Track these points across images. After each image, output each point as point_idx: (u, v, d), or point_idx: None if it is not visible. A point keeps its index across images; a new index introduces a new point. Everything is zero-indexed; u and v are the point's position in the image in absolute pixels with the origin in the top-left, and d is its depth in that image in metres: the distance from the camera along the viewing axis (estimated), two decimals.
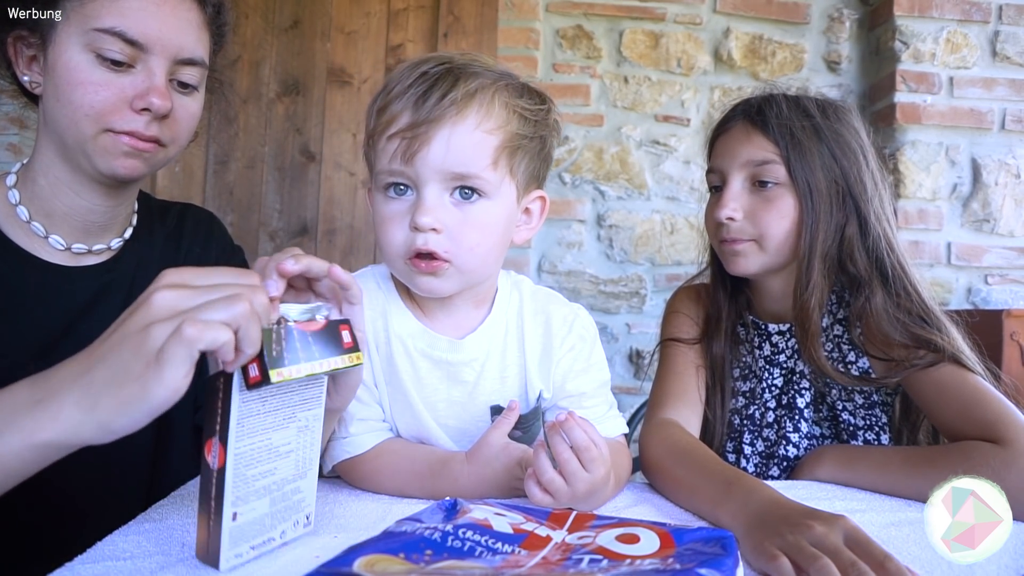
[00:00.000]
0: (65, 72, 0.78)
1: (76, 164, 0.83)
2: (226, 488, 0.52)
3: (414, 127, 0.72)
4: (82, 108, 0.78)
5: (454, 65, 0.75)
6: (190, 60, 0.83)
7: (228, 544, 0.53)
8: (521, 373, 0.87)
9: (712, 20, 2.42)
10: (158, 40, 0.79)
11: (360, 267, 0.91)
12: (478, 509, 0.56)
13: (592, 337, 0.91)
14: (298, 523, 0.60)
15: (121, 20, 0.77)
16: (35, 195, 0.85)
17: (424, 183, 0.74)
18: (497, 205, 0.77)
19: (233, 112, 2.23)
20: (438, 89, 0.72)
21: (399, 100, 0.74)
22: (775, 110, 0.96)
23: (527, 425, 0.87)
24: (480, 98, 0.74)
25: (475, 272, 0.79)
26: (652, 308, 2.37)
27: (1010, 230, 2.32)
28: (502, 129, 0.75)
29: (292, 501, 0.59)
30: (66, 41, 0.78)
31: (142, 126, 0.80)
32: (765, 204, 0.96)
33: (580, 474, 0.67)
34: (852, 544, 0.55)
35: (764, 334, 1.06)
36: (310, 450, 0.60)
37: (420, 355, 0.83)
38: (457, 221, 0.75)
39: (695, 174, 2.39)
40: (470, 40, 2.28)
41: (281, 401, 0.56)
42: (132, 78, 0.79)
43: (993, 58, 2.33)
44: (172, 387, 0.49)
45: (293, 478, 0.59)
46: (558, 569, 0.46)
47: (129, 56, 0.78)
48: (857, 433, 0.98)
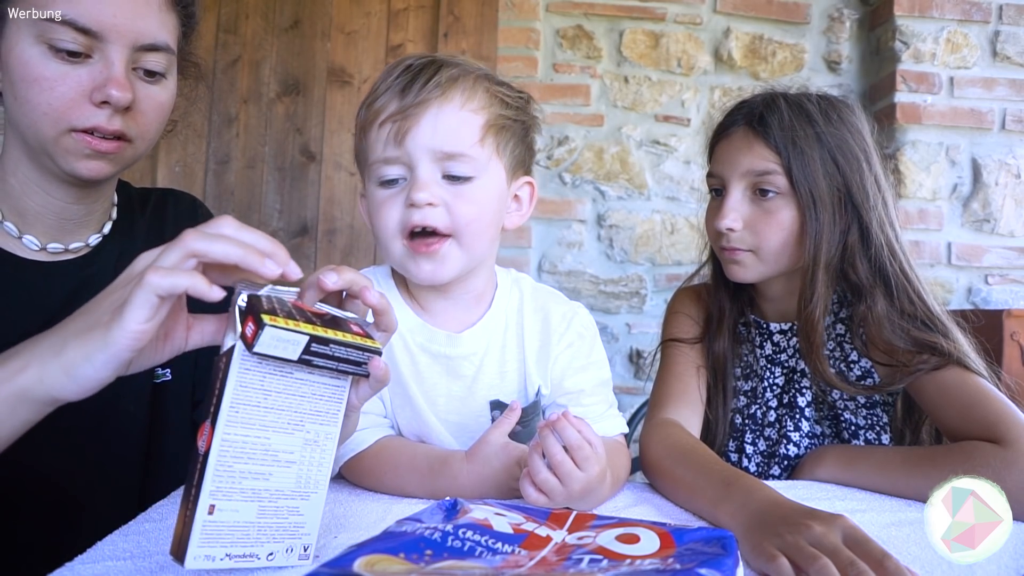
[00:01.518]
0: (19, 67, 0.73)
1: (42, 164, 0.79)
2: (206, 474, 0.49)
3: (403, 110, 0.76)
4: (40, 107, 0.73)
5: (436, 58, 0.80)
6: (152, 46, 0.77)
7: (199, 539, 0.49)
8: (520, 368, 0.88)
9: (712, 20, 2.42)
10: (113, 27, 0.73)
11: (359, 268, 0.91)
12: (478, 509, 0.56)
13: (592, 335, 0.92)
14: (292, 550, 0.55)
15: (71, 8, 0.71)
16: (6, 194, 0.81)
17: (417, 162, 0.76)
18: (488, 184, 0.80)
19: (233, 112, 2.24)
20: (423, 76, 0.77)
21: (386, 92, 0.78)
22: (777, 116, 0.94)
23: (527, 420, 0.87)
24: (463, 82, 0.78)
25: (474, 249, 0.80)
26: (652, 308, 2.37)
27: (1010, 230, 2.32)
28: (486, 110, 0.79)
29: (288, 522, 0.54)
30: (16, 34, 0.73)
31: (104, 120, 0.75)
32: (765, 216, 0.95)
33: (574, 473, 0.67)
34: (851, 543, 0.55)
35: (766, 333, 1.06)
36: (317, 470, 0.56)
37: (419, 349, 0.85)
38: (452, 196, 0.77)
39: (695, 174, 2.39)
40: (470, 40, 2.28)
41: (288, 402, 0.53)
42: (89, 69, 0.74)
43: (993, 58, 2.33)
44: (129, 330, 0.51)
45: (291, 494, 0.54)
46: (558, 569, 0.46)
47: (84, 46, 0.73)
48: (858, 433, 0.98)
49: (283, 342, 0.50)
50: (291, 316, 0.51)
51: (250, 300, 0.52)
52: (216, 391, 0.51)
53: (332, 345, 0.53)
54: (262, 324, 0.49)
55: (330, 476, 0.81)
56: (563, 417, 0.69)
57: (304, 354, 0.51)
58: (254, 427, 0.52)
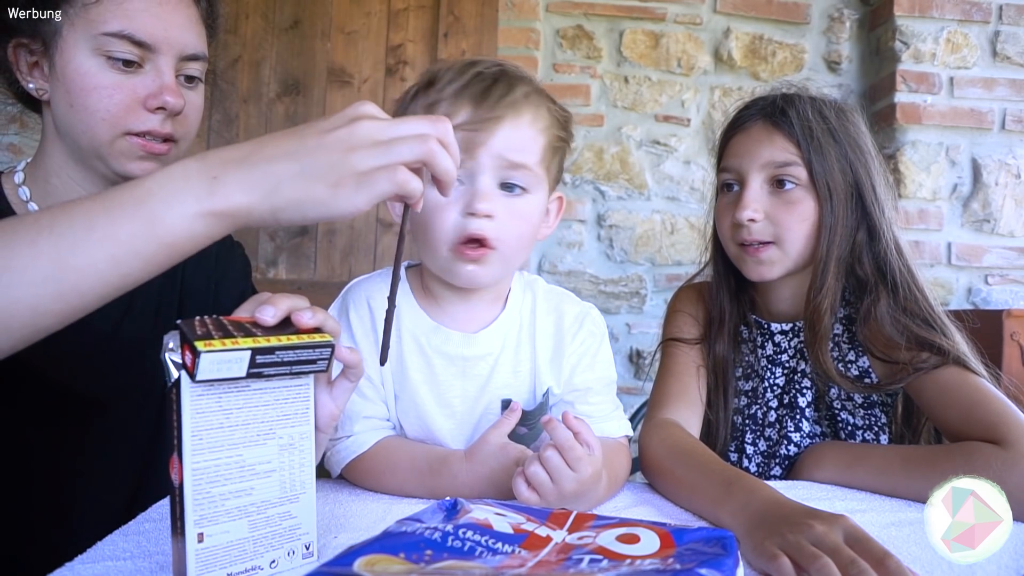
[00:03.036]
0: (76, 77, 0.79)
1: (90, 166, 0.85)
2: (186, 506, 0.49)
3: (477, 121, 0.77)
4: (98, 112, 0.79)
5: (506, 68, 0.81)
6: (194, 55, 0.85)
7: (195, 568, 0.49)
8: (532, 368, 0.88)
9: (712, 20, 2.42)
10: (164, 39, 0.81)
11: (359, 268, 0.92)
12: (478, 509, 0.56)
13: (601, 335, 0.93)
14: (294, 552, 0.55)
15: (128, 23, 0.79)
16: (47, 194, 0.87)
17: (480, 172, 0.77)
18: (537, 199, 0.82)
19: (233, 112, 2.24)
20: (498, 89, 0.78)
21: (456, 97, 0.78)
22: (797, 110, 0.95)
23: (532, 422, 0.87)
24: (534, 100, 0.80)
25: (513, 261, 0.83)
26: (652, 308, 2.37)
27: (1010, 230, 2.32)
28: (548, 130, 0.81)
29: (282, 527, 0.54)
30: (73, 47, 0.79)
31: (157, 124, 0.82)
32: (786, 206, 0.95)
33: (564, 471, 0.67)
34: (852, 543, 0.55)
35: (767, 333, 1.05)
36: (299, 471, 0.56)
37: (435, 352, 0.85)
38: (506, 209, 0.78)
39: (695, 174, 2.39)
40: (470, 40, 2.28)
41: (252, 415, 0.52)
42: (142, 78, 0.81)
43: (993, 58, 2.33)
44: (357, 207, 0.54)
45: (279, 501, 0.54)
46: (558, 569, 0.46)
47: (138, 56, 0.80)
48: (856, 433, 0.98)
49: (225, 363, 0.49)
50: (228, 334, 0.50)
51: (181, 329, 0.50)
52: (174, 423, 0.50)
53: (278, 352, 0.52)
54: (197, 352, 0.47)
55: (334, 476, 0.81)
56: (552, 420, 0.69)
57: (252, 368, 0.50)
58: (223, 448, 0.51)
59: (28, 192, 0.87)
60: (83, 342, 0.87)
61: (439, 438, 0.85)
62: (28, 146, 2.07)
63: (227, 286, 1.02)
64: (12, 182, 0.87)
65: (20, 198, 0.86)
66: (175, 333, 0.51)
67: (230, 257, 1.05)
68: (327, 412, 0.63)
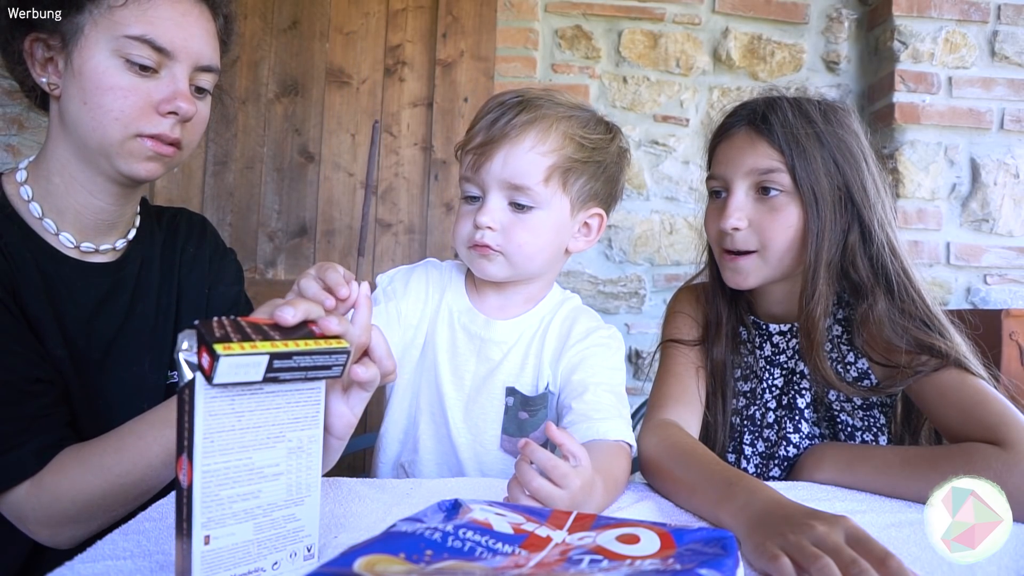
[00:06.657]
0: (94, 76, 0.81)
1: (94, 165, 0.86)
2: (194, 508, 0.49)
3: (482, 145, 0.90)
4: (111, 112, 0.81)
5: (526, 97, 0.92)
6: (208, 67, 0.88)
7: (200, 570, 0.49)
8: (537, 365, 0.98)
9: (711, 20, 2.42)
10: (183, 48, 0.84)
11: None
12: (479, 509, 0.56)
13: (608, 345, 0.98)
14: (296, 555, 0.55)
15: (150, 28, 0.81)
16: (48, 192, 0.88)
17: (488, 190, 0.91)
18: (548, 215, 0.92)
19: (232, 113, 2.23)
20: (507, 115, 0.89)
21: (479, 123, 0.92)
22: (779, 116, 0.95)
23: (535, 409, 0.96)
24: (540, 124, 0.90)
25: (521, 265, 0.94)
26: (651, 308, 2.37)
27: (1009, 230, 2.32)
28: (555, 152, 0.90)
29: (286, 529, 0.55)
30: (94, 46, 0.81)
31: (168, 128, 0.84)
32: (770, 214, 0.95)
33: (554, 493, 0.64)
34: (853, 543, 0.55)
35: (765, 335, 1.05)
36: (306, 474, 0.56)
37: (460, 327, 1.00)
38: (510, 222, 0.92)
39: (694, 174, 2.39)
40: (469, 41, 2.28)
41: (263, 418, 0.52)
42: (157, 83, 0.83)
43: (992, 58, 2.33)
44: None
45: (285, 503, 0.54)
46: (558, 569, 0.46)
47: (156, 62, 0.82)
48: (855, 434, 0.98)
49: (243, 367, 0.48)
50: (246, 336, 0.50)
51: (199, 330, 0.49)
52: (185, 424, 0.49)
53: (296, 357, 0.52)
54: (216, 355, 0.47)
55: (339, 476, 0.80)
56: (528, 443, 0.66)
57: (268, 372, 0.50)
58: (233, 451, 0.51)
59: (30, 191, 0.87)
60: (89, 345, 0.88)
61: (445, 406, 0.96)
62: (27, 148, 2.07)
63: (220, 291, 1.04)
64: (14, 181, 0.88)
65: (22, 197, 0.87)
66: (191, 333, 0.50)
67: (223, 263, 1.08)
68: (344, 421, 0.64)
